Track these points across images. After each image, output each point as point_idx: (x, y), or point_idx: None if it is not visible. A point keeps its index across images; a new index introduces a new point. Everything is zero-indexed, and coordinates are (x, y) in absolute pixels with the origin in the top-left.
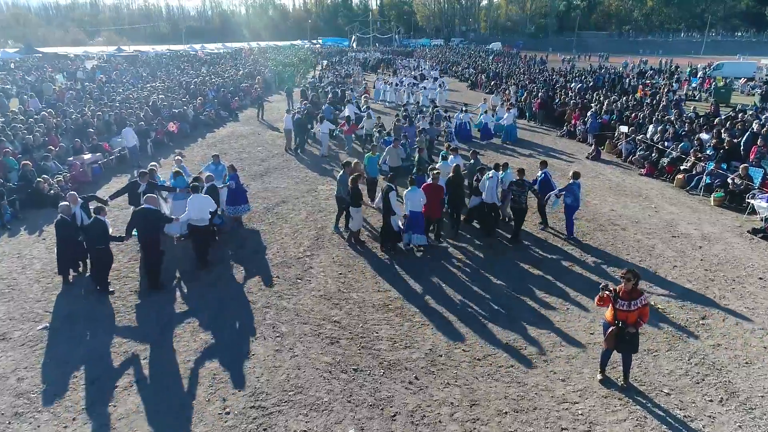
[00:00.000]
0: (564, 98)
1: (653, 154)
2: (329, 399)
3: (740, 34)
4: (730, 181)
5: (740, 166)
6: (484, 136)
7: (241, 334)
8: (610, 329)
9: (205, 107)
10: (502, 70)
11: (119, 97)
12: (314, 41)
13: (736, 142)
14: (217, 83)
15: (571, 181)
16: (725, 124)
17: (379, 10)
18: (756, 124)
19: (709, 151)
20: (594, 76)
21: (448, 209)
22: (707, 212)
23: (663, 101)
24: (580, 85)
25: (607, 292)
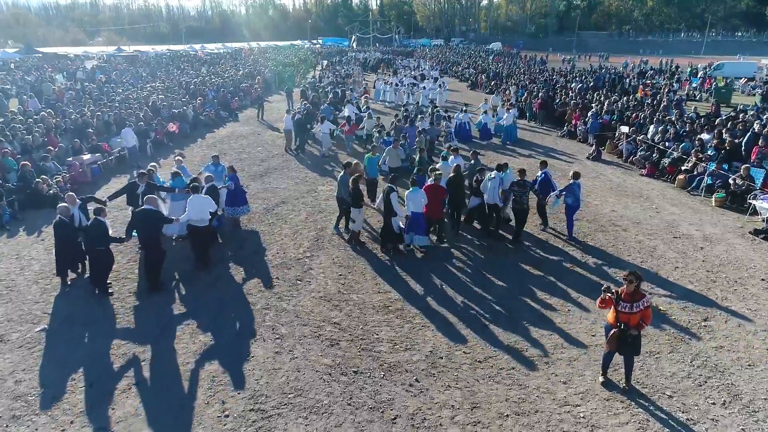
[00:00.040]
0: (564, 98)
1: (654, 155)
2: (329, 402)
3: (740, 34)
4: (732, 182)
5: (741, 166)
6: (483, 137)
7: (240, 336)
8: (612, 332)
9: (204, 107)
10: (502, 70)
11: (119, 97)
12: (314, 41)
13: (737, 142)
14: (217, 83)
15: (572, 181)
16: (726, 124)
17: (379, 10)
18: (757, 125)
19: (711, 151)
20: (594, 76)
21: (449, 210)
22: (708, 213)
23: (664, 101)
24: (580, 85)
25: (609, 294)
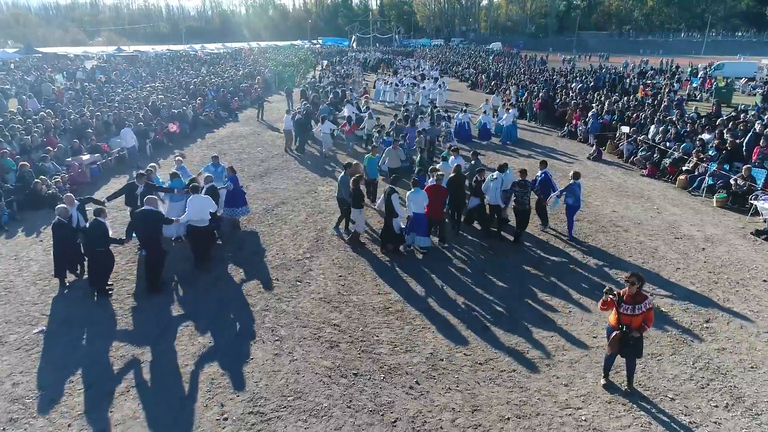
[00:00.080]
0: (565, 98)
1: (655, 155)
2: (329, 404)
3: (740, 34)
4: (733, 182)
5: (743, 167)
6: (482, 137)
7: (239, 338)
8: (613, 334)
9: (204, 107)
10: (502, 70)
11: (118, 97)
12: (314, 41)
13: (738, 142)
14: (216, 83)
15: (572, 181)
16: (727, 124)
17: (379, 10)
18: (758, 125)
19: (712, 151)
20: (595, 77)
21: (449, 210)
22: (710, 213)
23: (664, 101)
24: (580, 86)
25: (610, 296)
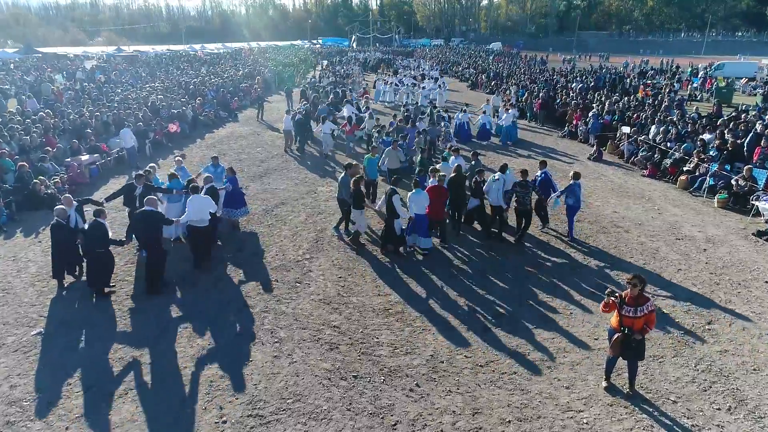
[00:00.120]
0: (565, 98)
1: (656, 155)
2: (328, 407)
3: (741, 34)
4: (734, 183)
5: (744, 167)
6: (481, 137)
7: (238, 340)
8: (615, 336)
9: (204, 108)
10: (502, 70)
11: (117, 97)
12: (314, 41)
13: (739, 143)
14: (216, 83)
15: (572, 181)
16: (728, 124)
17: (379, 10)
18: (759, 125)
19: (713, 152)
20: (595, 77)
21: (449, 210)
22: (711, 214)
23: (665, 101)
24: (581, 86)
25: (612, 298)
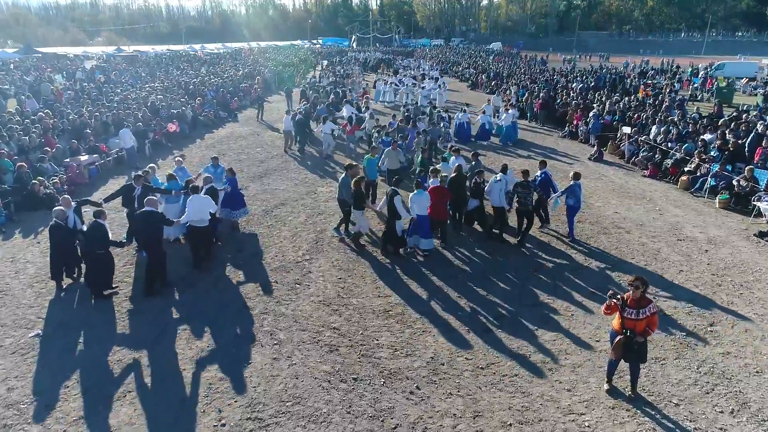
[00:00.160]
0: (565, 99)
1: (656, 156)
2: (328, 410)
3: (741, 34)
4: (736, 183)
5: (745, 167)
6: (481, 137)
7: (238, 342)
8: (617, 338)
9: (204, 108)
10: (502, 70)
11: (117, 97)
12: (314, 41)
13: (740, 143)
14: (216, 83)
15: (573, 182)
16: (729, 124)
17: (379, 10)
18: (760, 125)
19: (714, 152)
20: (595, 77)
21: (450, 210)
22: (712, 215)
23: (666, 102)
24: (581, 86)
25: (614, 300)
